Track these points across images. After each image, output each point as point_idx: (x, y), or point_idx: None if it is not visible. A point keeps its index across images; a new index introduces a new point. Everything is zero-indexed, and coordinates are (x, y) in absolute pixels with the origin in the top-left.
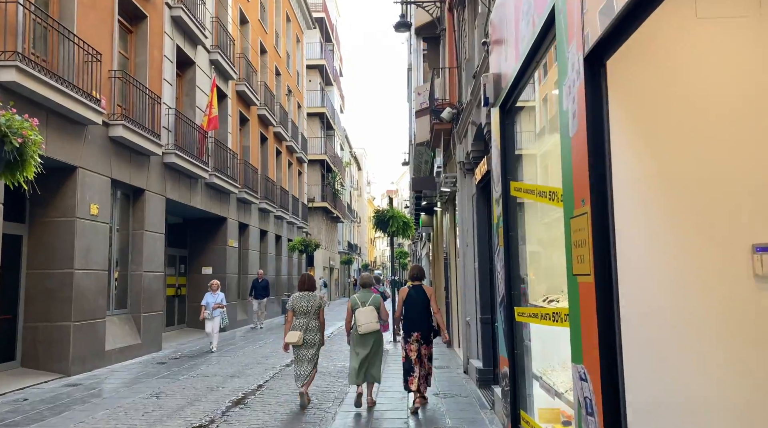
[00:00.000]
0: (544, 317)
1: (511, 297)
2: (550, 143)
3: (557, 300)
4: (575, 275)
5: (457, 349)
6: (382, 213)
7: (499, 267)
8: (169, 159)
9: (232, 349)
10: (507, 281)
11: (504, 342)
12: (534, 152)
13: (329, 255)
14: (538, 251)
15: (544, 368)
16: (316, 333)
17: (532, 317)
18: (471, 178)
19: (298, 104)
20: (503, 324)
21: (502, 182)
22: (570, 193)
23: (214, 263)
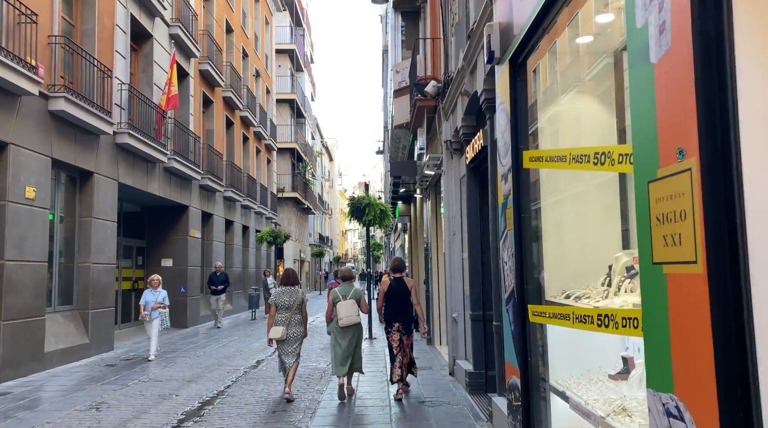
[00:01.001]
0: (581, 320)
1: (523, 292)
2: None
3: (587, 297)
4: (659, 264)
5: (438, 347)
6: (357, 200)
7: (505, 256)
8: (122, 139)
9: (192, 349)
10: (518, 273)
11: (512, 347)
12: (560, 112)
13: (300, 247)
14: (555, 235)
15: (567, 380)
16: (298, 326)
17: (556, 318)
18: (459, 159)
19: (267, 89)
20: (512, 325)
21: (512, 153)
22: (650, 145)
23: (175, 255)
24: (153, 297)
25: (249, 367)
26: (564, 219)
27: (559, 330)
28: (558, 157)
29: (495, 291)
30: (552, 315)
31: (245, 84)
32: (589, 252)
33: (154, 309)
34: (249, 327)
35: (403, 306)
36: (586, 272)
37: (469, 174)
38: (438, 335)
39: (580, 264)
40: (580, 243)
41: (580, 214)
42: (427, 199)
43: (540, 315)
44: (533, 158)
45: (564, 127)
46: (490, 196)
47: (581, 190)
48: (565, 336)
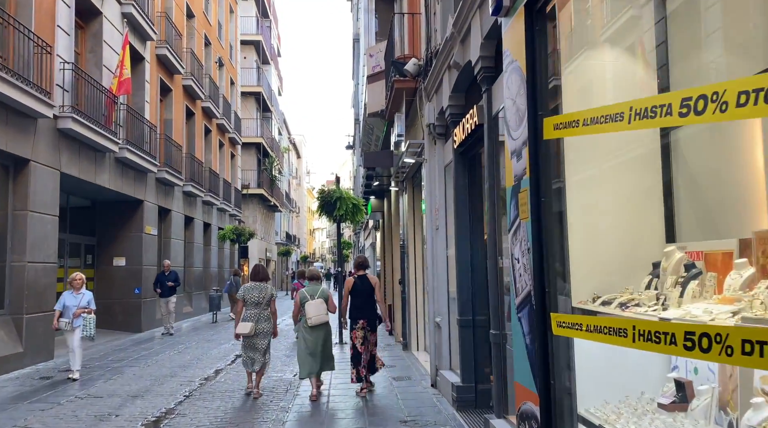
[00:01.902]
0: (649, 337)
1: (544, 297)
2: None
3: (635, 303)
4: None
5: (416, 352)
6: (328, 193)
7: (517, 251)
8: (65, 124)
9: (143, 357)
10: (537, 272)
11: (526, 366)
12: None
13: (266, 246)
14: (583, 224)
15: (602, 409)
16: (268, 322)
17: (601, 333)
18: (444, 145)
19: (231, 80)
20: (526, 337)
21: (528, 122)
22: None
23: (129, 253)
24: (74, 300)
25: (206, 378)
26: (593, 204)
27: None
28: (600, 118)
29: (495, 294)
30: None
31: (207, 73)
32: (626, 245)
33: (77, 316)
34: (209, 332)
35: (368, 303)
36: (623, 271)
37: (457, 159)
38: (415, 339)
39: (614, 261)
40: (614, 234)
41: (612, 198)
42: (403, 192)
43: (568, 327)
44: (560, 125)
45: (594, 87)
46: (486, 182)
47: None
48: (593, 352)
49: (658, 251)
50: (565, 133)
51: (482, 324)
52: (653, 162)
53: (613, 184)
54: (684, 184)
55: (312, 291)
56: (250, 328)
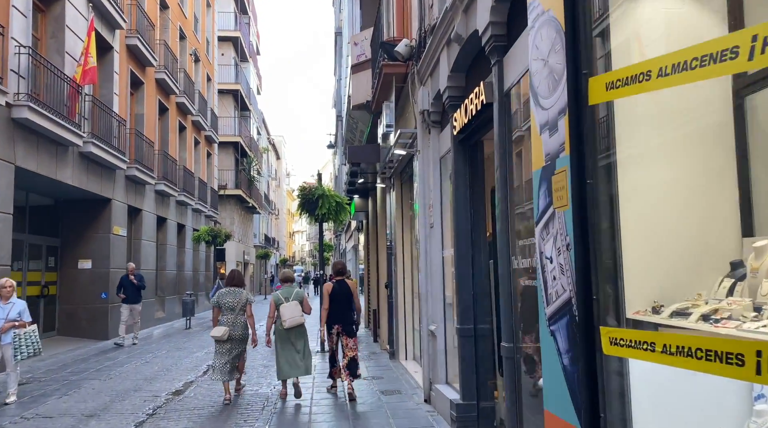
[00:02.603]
0: None
1: (590, 306)
2: None
3: (727, 315)
4: None
5: (404, 362)
6: (309, 190)
7: (549, 249)
8: (20, 113)
9: (105, 368)
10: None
11: (564, 392)
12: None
13: (243, 248)
14: (636, 213)
15: None
16: (244, 329)
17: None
18: (439, 134)
19: (208, 76)
20: (563, 356)
21: (568, 85)
22: None
23: (95, 255)
24: (1, 312)
25: (174, 393)
26: (650, 186)
27: (644, 368)
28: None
29: (508, 301)
30: (678, 350)
31: (182, 67)
32: (693, 239)
33: (4, 331)
34: (181, 339)
35: (345, 308)
36: (689, 272)
37: (456, 149)
38: (403, 348)
39: (679, 260)
40: (678, 225)
41: (675, 178)
42: (391, 189)
43: (627, 346)
44: (613, 84)
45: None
46: (497, 170)
47: (675, 139)
48: (651, 376)
49: (731, 246)
50: (618, 94)
51: (485, 333)
52: (725, 133)
53: (677, 160)
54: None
55: (287, 294)
56: (223, 332)
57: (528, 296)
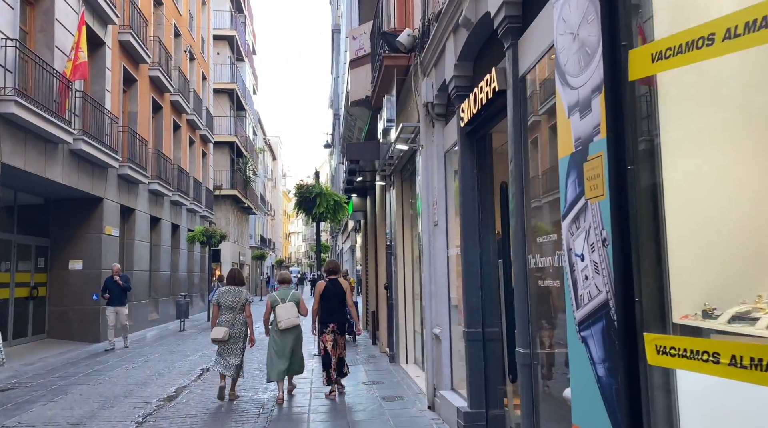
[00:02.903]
0: None
1: (632, 309)
2: None
3: None
4: None
5: (404, 365)
6: (306, 189)
7: (580, 245)
8: (6, 108)
9: (95, 372)
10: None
11: (600, 407)
12: None
13: (239, 249)
14: (683, 203)
15: None
16: (242, 326)
17: None
18: (443, 127)
19: (203, 75)
20: (599, 367)
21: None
22: None
23: (86, 255)
24: None
25: (165, 399)
26: (699, 173)
27: (695, 380)
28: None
29: (523, 303)
30: (756, 363)
31: (177, 65)
32: (748, 232)
33: None
34: (175, 341)
35: (338, 307)
36: (744, 270)
37: (464, 142)
38: (403, 351)
39: (732, 256)
40: (731, 217)
41: (727, 163)
42: (391, 187)
43: (679, 356)
44: (662, 54)
45: None
46: (511, 161)
47: (727, 119)
48: (703, 390)
49: None
50: (668, 65)
51: (494, 337)
52: None
53: (732, 142)
54: None
55: (283, 295)
56: (224, 333)
57: (547, 297)
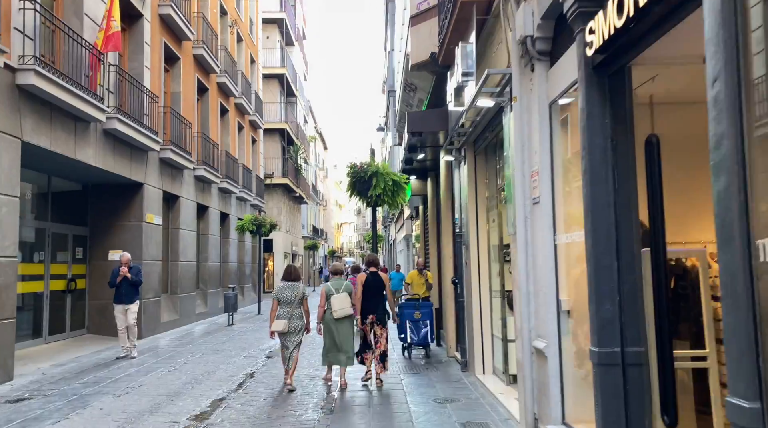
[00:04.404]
0: None
1: None
2: None
3: None
4: None
5: (481, 376)
6: (361, 168)
7: None
8: (26, 79)
9: (128, 377)
10: None
11: None
12: None
13: (291, 239)
14: None
15: None
16: (300, 320)
17: None
18: (549, 69)
19: (252, 58)
20: None
21: None
22: None
23: (126, 245)
24: None
25: (195, 417)
26: None
27: None
28: None
29: (743, 326)
30: None
31: (224, 45)
32: None
33: None
34: (221, 338)
35: (378, 299)
36: None
37: (591, 80)
38: (479, 359)
39: None
40: None
41: None
42: (461, 163)
43: None
44: None
45: None
46: (718, 82)
47: None
48: None
49: None
50: None
51: (638, 360)
52: None
53: None
54: None
55: (337, 286)
56: (284, 326)
57: None
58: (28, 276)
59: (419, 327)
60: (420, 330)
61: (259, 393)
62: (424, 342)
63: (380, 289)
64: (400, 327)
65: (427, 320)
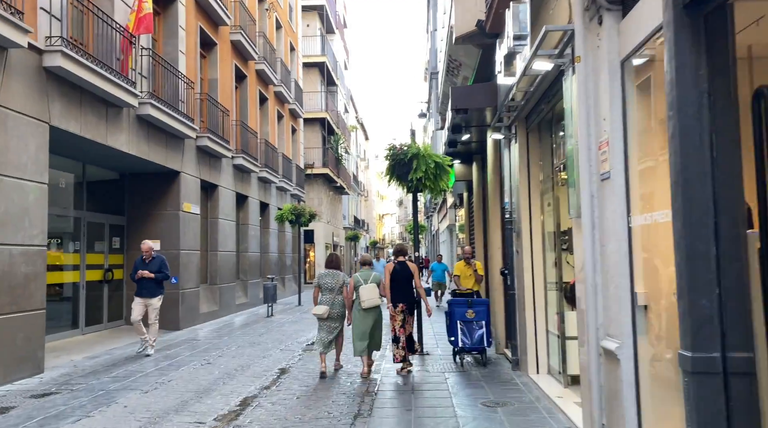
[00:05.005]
0: None
1: None
2: None
3: None
4: None
5: (534, 376)
6: (400, 150)
7: None
8: (53, 61)
9: (156, 372)
10: None
11: None
12: None
13: (332, 230)
14: None
15: None
16: (341, 307)
17: None
18: (621, 21)
19: (291, 45)
20: None
21: None
22: None
23: (164, 235)
24: None
25: (223, 418)
26: None
27: None
28: None
29: None
30: None
31: (262, 32)
32: None
33: None
34: (260, 330)
35: (407, 288)
36: None
37: (680, 23)
38: (533, 357)
39: None
40: None
41: None
42: (512, 142)
43: None
44: None
45: None
46: None
47: None
48: None
49: None
50: None
51: (744, 369)
52: None
53: None
54: None
55: (365, 277)
56: (324, 311)
57: None
58: (64, 267)
59: (472, 328)
60: (474, 333)
61: (292, 390)
62: (479, 347)
63: (408, 279)
64: (450, 329)
65: (482, 320)
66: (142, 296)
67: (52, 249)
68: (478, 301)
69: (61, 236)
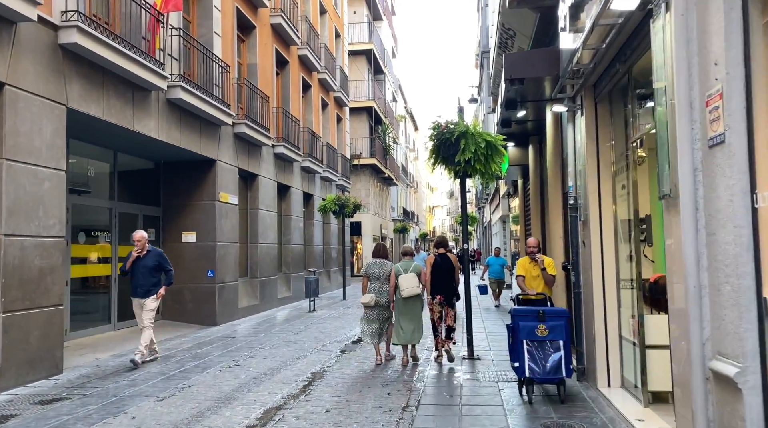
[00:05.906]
0: None
1: None
2: None
3: None
4: None
5: (605, 389)
6: (446, 128)
7: None
8: (68, 37)
9: (179, 375)
10: None
11: None
12: None
13: (380, 222)
14: None
15: None
16: (389, 296)
17: None
18: None
19: (337, 32)
20: None
21: None
22: None
23: (200, 226)
24: None
25: None
26: None
27: None
28: None
29: None
30: None
31: (305, 16)
32: None
33: None
34: (299, 326)
35: (446, 279)
36: None
37: None
38: (603, 367)
39: None
40: None
41: None
42: (578, 114)
43: None
44: None
45: None
46: None
47: None
48: None
49: None
50: None
51: None
52: None
53: None
54: None
55: (406, 267)
56: (371, 299)
57: None
58: (95, 260)
59: (545, 350)
60: (547, 357)
61: (323, 401)
62: (555, 379)
63: (449, 272)
64: (514, 351)
65: (559, 339)
66: (135, 295)
67: (80, 241)
68: (552, 312)
69: (92, 227)
